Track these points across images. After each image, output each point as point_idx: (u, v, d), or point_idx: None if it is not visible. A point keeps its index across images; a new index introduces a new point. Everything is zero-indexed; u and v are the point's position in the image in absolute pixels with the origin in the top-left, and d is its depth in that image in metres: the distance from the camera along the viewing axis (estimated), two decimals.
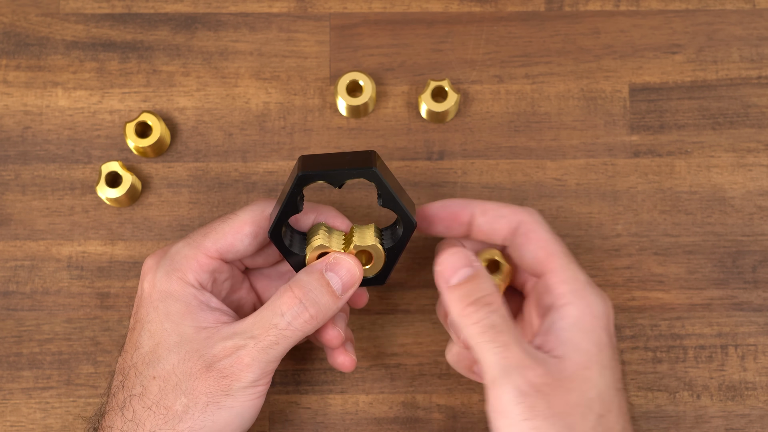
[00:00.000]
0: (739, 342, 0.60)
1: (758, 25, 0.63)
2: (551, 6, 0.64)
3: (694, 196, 0.61)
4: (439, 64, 0.63)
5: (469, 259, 0.51)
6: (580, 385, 0.48)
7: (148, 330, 0.51)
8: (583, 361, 0.48)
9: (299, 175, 0.50)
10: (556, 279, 0.51)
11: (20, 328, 0.60)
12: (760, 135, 0.62)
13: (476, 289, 0.50)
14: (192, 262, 0.52)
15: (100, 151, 0.62)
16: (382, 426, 0.59)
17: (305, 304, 0.50)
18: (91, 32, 0.63)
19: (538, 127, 0.62)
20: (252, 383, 0.50)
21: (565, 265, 0.51)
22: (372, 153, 0.51)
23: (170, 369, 0.50)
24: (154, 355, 0.51)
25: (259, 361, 0.50)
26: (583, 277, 0.51)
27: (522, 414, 0.47)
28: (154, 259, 0.53)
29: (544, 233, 0.52)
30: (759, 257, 0.61)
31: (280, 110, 0.62)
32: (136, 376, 0.51)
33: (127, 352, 0.52)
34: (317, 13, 0.64)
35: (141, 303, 0.52)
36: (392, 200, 0.51)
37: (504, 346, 0.48)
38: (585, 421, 0.47)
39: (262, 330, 0.50)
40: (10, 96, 0.62)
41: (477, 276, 0.50)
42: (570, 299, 0.50)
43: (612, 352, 0.50)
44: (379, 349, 0.60)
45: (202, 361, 0.50)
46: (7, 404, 0.59)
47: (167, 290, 0.51)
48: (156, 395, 0.50)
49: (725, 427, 0.59)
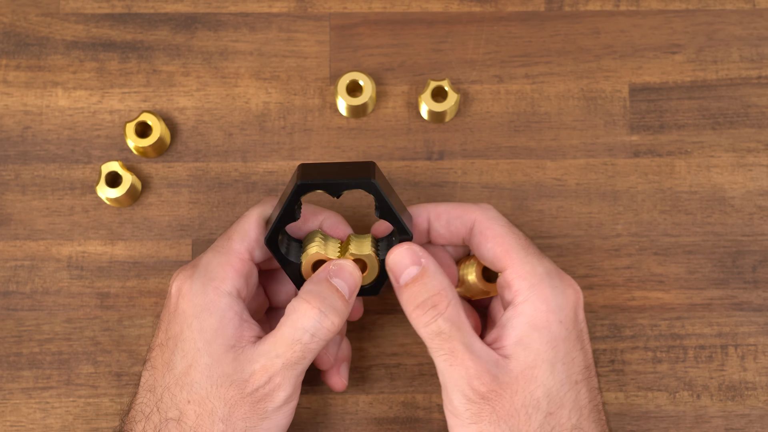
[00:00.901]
0: (739, 342, 0.60)
1: (758, 25, 0.63)
2: (551, 6, 0.64)
3: (694, 196, 0.61)
4: (439, 64, 0.63)
5: (417, 255, 0.50)
6: (525, 386, 0.48)
7: (181, 349, 0.50)
8: (530, 361, 0.49)
9: (298, 184, 0.50)
10: (514, 274, 0.51)
11: (20, 328, 0.60)
12: (760, 135, 0.62)
13: (423, 289, 0.50)
14: (227, 269, 0.51)
15: (100, 151, 0.62)
16: (382, 426, 0.59)
17: (325, 312, 0.50)
18: (91, 32, 0.63)
19: (538, 127, 0.62)
20: (285, 401, 0.50)
21: (522, 259, 0.51)
22: (371, 164, 0.51)
23: (204, 395, 0.49)
24: (187, 377, 0.50)
25: (289, 379, 0.50)
26: (541, 269, 0.51)
27: (469, 419, 0.48)
28: (187, 273, 0.52)
29: (499, 228, 0.52)
30: (759, 257, 0.61)
31: (280, 110, 0.62)
32: (170, 399, 0.50)
33: (157, 370, 0.51)
34: (317, 13, 0.64)
35: (174, 319, 0.51)
36: (390, 212, 0.51)
37: (450, 352, 0.49)
38: (531, 422, 0.48)
39: (287, 347, 0.49)
40: (10, 96, 0.62)
41: (424, 275, 0.50)
42: (526, 296, 0.50)
43: (569, 345, 0.49)
44: (379, 349, 0.60)
45: (234, 387, 0.49)
46: (7, 404, 0.59)
47: (202, 304, 0.50)
48: (194, 421, 0.49)
49: (725, 427, 0.59)
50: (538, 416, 0.48)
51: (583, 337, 0.51)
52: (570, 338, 0.50)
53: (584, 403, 0.49)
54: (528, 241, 0.52)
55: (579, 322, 0.51)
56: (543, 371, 0.49)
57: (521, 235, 0.52)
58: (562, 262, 0.60)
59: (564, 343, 0.49)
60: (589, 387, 0.50)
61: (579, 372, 0.50)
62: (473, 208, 0.53)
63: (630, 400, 0.59)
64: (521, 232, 0.52)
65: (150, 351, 0.52)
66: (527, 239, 0.52)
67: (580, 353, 0.50)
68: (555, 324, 0.49)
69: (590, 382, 0.50)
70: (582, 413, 0.49)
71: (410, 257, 0.50)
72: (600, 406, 0.50)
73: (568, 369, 0.49)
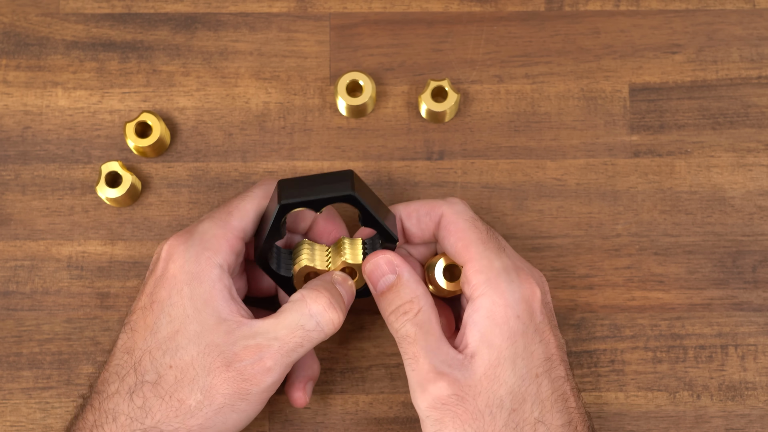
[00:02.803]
0: (739, 342, 0.60)
1: (758, 25, 0.63)
2: (551, 6, 0.64)
3: (694, 196, 0.61)
4: (439, 64, 0.63)
5: (392, 264, 0.52)
6: (489, 387, 0.49)
7: (168, 314, 0.50)
8: (493, 359, 0.49)
9: (280, 205, 0.50)
10: (472, 269, 0.51)
11: (20, 328, 0.60)
12: (760, 135, 0.62)
13: (397, 297, 0.51)
14: (222, 242, 0.51)
15: (100, 151, 0.62)
16: (382, 426, 0.59)
17: (333, 304, 0.50)
18: (91, 32, 0.63)
19: (538, 127, 0.62)
20: (269, 387, 0.50)
21: (481, 253, 0.51)
22: (349, 174, 0.51)
23: (189, 361, 0.49)
24: (172, 342, 0.49)
25: (280, 365, 0.49)
26: (499, 264, 0.51)
27: (433, 425, 0.49)
28: (181, 239, 0.52)
29: (462, 223, 0.52)
30: (759, 257, 0.61)
31: (280, 110, 0.62)
32: (150, 362, 0.49)
33: (137, 332, 0.50)
34: (317, 13, 0.64)
35: (161, 283, 0.51)
36: (373, 221, 0.52)
37: (413, 357, 0.50)
38: (495, 422, 0.48)
39: (288, 331, 0.49)
40: (10, 96, 0.62)
41: (398, 283, 0.51)
42: (483, 290, 0.50)
43: (527, 340, 0.50)
44: (379, 349, 0.60)
45: (222, 358, 0.49)
46: (7, 404, 0.59)
47: (195, 272, 0.50)
48: (171, 386, 0.49)
49: (725, 427, 0.59)
50: (503, 415, 0.48)
51: (542, 328, 0.51)
52: (528, 332, 0.50)
53: (546, 395, 0.49)
54: (490, 236, 0.52)
55: (536, 316, 0.51)
56: (505, 369, 0.49)
57: (483, 230, 0.52)
58: (562, 262, 0.60)
59: (522, 337, 0.50)
60: (551, 378, 0.50)
61: (539, 365, 0.50)
62: (440, 203, 0.54)
63: (630, 400, 0.59)
64: (486, 227, 0.53)
65: (131, 314, 0.52)
66: (490, 234, 0.52)
67: (539, 345, 0.50)
68: (513, 319, 0.50)
69: (552, 372, 0.50)
70: (544, 405, 0.49)
71: (386, 265, 0.52)
72: (567, 394, 0.50)
73: (528, 363, 0.49)
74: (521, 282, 0.51)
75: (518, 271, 0.51)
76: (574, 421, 0.50)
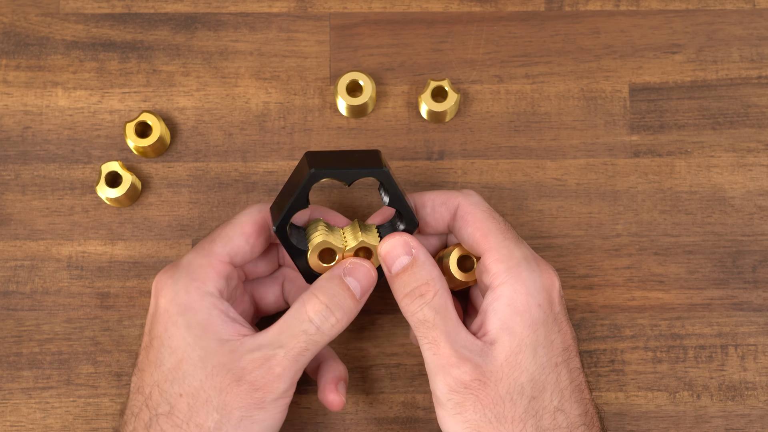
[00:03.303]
0: (739, 342, 0.60)
1: (758, 25, 0.63)
2: (551, 6, 0.64)
3: (694, 196, 0.61)
4: (439, 64, 0.63)
5: (408, 245, 0.51)
6: (510, 373, 0.49)
7: (168, 346, 0.50)
8: (514, 346, 0.49)
9: (312, 173, 0.50)
10: (492, 258, 0.51)
11: (20, 328, 0.60)
12: (760, 135, 0.62)
13: (412, 278, 0.51)
14: (208, 270, 0.51)
15: (100, 151, 0.62)
16: (382, 426, 0.59)
17: (331, 308, 0.50)
18: (91, 32, 0.63)
19: (538, 127, 0.62)
20: (283, 393, 0.50)
21: (500, 243, 0.51)
22: (378, 152, 0.52)
23: (198, 385, 0.49)
24: (178, 371, 0.49)
25: (289, 370, 0.49)
26: (519, 253, 0.51)
27: (453, 408, 0.49)
28: (168, 274, 0.51)
29: (480, 213, 0.52)
30: (759, 257, 0.61)
31: (280, 110, 0.62)
32: (160, 395, 0.49)
33: (144, 371, 0.50)
34: (317, 13, 0.64)
35: (157, 319, 0.51)
36: (400, 200, 0.52)
37: (433, 342, 0.49)
38: (515, 408, 0.48)
39: (291, 338, 0.49)
40: (10, 96, 0.62)
41: (413, 264, 0.51)
42: (504, 278, 0.50)
43: (548, 329, 0.50)
44: (379, 349, 0.60)
45: (231, 375, 0.49)
46: (7, 404, 0.59)
47: (186, 303, 0.50)
48: (185, 413, 0.48)
49: (725, 427, 0.59)
50: (523, 401, 0.49)
51: (560, 318, 0.51)
52: (548, 321, 0.50)
53: (565, 384, 0.50)
54: (507, 226, 0.52)
55: (555, 306, 0.51)
56: (527, 356, 0.49)
57: (501, 221, 0.53)
58: (562, 262, 0.60)
59: (543, 326, 0.50)
60: (569, 368, 0.50)
61: (558, 354, 0.50)
62: (456, 194, 0.54)
63: (630, 400, 0.59)
64: (502, 218, 0.53)
65: (137, 357, 0.52)
66: (507, 225, 0.53)
67: (558, 335, 0.50)
68: (534, 307, 0.50)
69: (570, 363, 0.50)
70: (563, 395, 0.50)
71: (402, 247, 0.51)
72: (582, 385, 0.51)
73: (549, 352, 0.50)
74: (541, 271, 0.51)
75: (537, 261, 0.52)
76: (590, 413, 0.50)
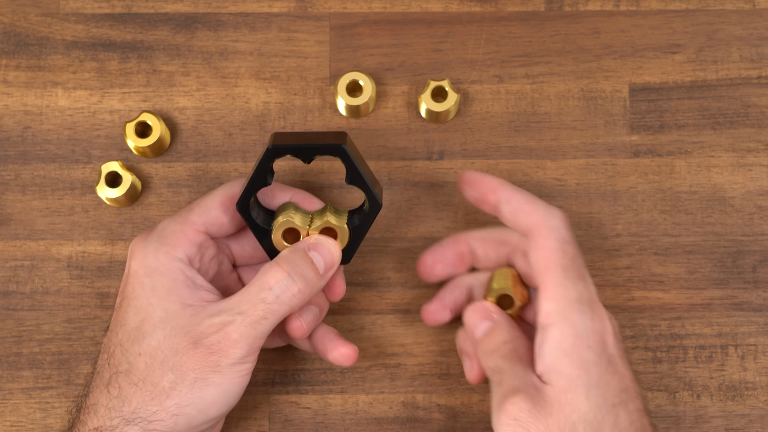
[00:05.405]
0: (739, 342, 0.60)
1: (758, 25, 0.63)
2: (551, 6, 0.64)
3: (694, 196, 0.61)
4: (439, 64, 0.63)
5: (489, 312, 0.54)
6: (560, 410, 0.49)
7: (134, 306, 0.51)
8: (563, 386, 0.49)
9: (269, 148, 0.51)
10: (545, 296, 0.51)
11: (20, 328, 0.60)
12: (760, 135, 0.62)
13: (493, 341, 0.53)
14: (180, 236, 0.53)
15: (100, 151, 0.62)
16: (382, 426, 0.59)
17: (293, 277, 0.51)
18: (91, 32, 0.63)
19: (538, 127, 0.62)
20: (240, 360, 0.50)
21: (557, 281, 0.51)
22: (343, 133, 0.53)
23: (156, 345, 0.50)
24: (139, 331, 0.51)
25: (247, 337, 0.50)
26: (574, 294, 0.51)
27: None
28: (142, 238, 0.53)
29: (551, 242, 0.52)
30: (759, 257, 0.60)
31: (280, 110, 0.62)
32: (122, 353, 0.51)
33: (112, 331, 0.52)
34: (317, 13, 0.64)
35: (127, 280, 0.53)
36: (359, 178, 0.52)
37: (499, 383, 0.51)
38: None
39: (250, 305, 0.51)
40: (10, 96, 0.62)
41: (495, 329, 0.54)
42: (553, 319, 0.50)
43: (602, 370, 0.49)
44: (379, 349, 0.60)
45: (188, 338, 0.50)
46: (7, 404, 0.59)
47: (154, 265, 0.52)
48: (142, 372, 0.50)
49: (725, 427, 0.59)
50: None
51: (615, 360, 0.50)
52: (601, 362, 0.50)
53: (624, 425, 0.49)
54: (572, 262, 0.52)
55: (608, 348, 0.50)
56: (578, 395, 0.49)
57: (569, 254, 0.52)
58: None
59: (596, 367, 0.49)
60: (628, 410, 0.49)
61: (615, 395, 0.49)
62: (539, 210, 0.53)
63: None
64: (574, 252, 0.52)
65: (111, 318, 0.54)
66: (573, 259, 0.52)
67: (614, 376, 0.50)
68: (584, 349, 0.50)
69: (629, 404, 0.49)
70: None
71: (483, 314, 0.55)
72: (647, 428, 0.50)
73: (604, 393, 0.49)
74: (593, 314, 0.50)
75: (592, 304, 0.51)
76: None
